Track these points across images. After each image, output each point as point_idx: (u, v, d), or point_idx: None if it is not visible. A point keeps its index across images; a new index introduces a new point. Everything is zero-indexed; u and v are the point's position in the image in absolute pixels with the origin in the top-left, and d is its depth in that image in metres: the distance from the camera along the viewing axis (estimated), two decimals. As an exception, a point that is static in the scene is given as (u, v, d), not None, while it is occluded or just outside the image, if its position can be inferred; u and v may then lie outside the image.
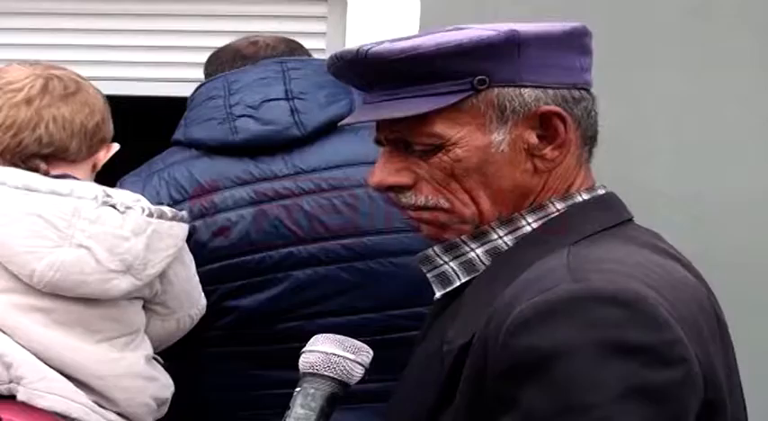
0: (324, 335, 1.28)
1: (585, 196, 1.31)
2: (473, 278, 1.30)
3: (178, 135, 1.99)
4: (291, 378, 1.83)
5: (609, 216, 1.30)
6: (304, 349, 1.27)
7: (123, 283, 1.67)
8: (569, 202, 1.30)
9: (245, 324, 1.89)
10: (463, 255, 1.31)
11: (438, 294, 1.34)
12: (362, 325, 1.86)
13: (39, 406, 1.60)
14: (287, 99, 1.92)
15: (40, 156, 1.73)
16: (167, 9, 2.65)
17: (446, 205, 1.29)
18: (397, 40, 1.28)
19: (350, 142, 1.91)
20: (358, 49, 1.28)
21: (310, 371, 1.25)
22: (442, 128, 1.26)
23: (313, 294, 1.88)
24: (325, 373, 1.24)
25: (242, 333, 1.90)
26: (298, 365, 1.85)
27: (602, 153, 1.38)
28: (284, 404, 1.86)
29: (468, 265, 1.31)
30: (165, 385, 1.78)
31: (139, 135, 2.65)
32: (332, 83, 1.91)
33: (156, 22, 2.66)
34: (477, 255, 1.30)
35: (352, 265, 1.88)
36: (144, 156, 2.04)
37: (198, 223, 1.87)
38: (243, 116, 1.91)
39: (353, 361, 1.25)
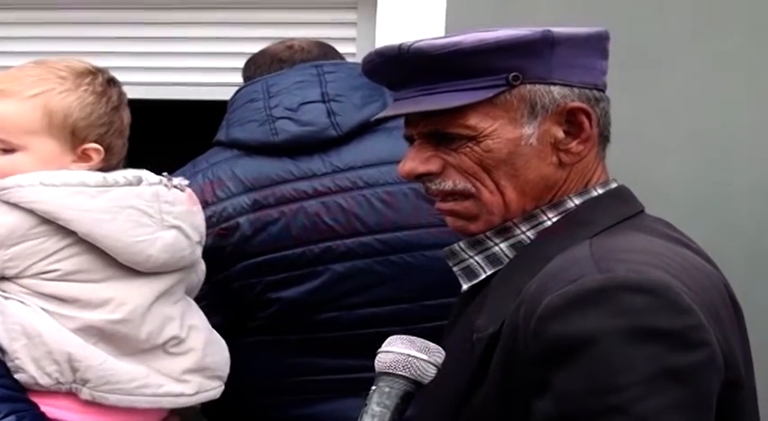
0: (399, 336, 1.30)
1: (600, 190, 1.37)
2: (498, 271, 1.36)
3: (220, 136, 2.04)
4: (328, 365, 1.97)
5: (623, 208, 1.36)
6: (380, 349, 1.28)
7: (199, 251, 1.78)
8: (586, 197, 1.36)
9: (288, 314, 1.95)
10: (488, 249, 1.37)
11: (465, 287, 1.39)
12: (398, 315, 1.93)
13: (105, 404, 1.63)
14: (324, 101, 1.97)
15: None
16: (207, 17, 2.72)
17: (472, 190, 1.34)
18: (437, 37, 1.34)
19: (384, 142, 1.96)
20: (400, 45, 1.34)
21: (386, 370, 1.26)
22: (476, 120, 1.32)
23: (351, 286, 1.93)
24: (401, 373, 1.25)
25: (285, 322, 1.96)
26: (333, 353, 1.95)
27: (619, 147, 1.44)
28: (319, 389, 1.97)
29: (493, 258, 1.37)
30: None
31: (180, 137, 2.73)
32: (366, 85, 1.97)
33: (196, 31, 2.73)
34: (502, 249, 1.36)
35: (387, 258, 1.93)
36: (184, 157, 2.10)
37: (242, 219, 1.92)
38: (282, 118, 1.96)
39: (427, 361, 1.26)
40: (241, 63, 2.23)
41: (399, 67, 1.36)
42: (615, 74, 1.48)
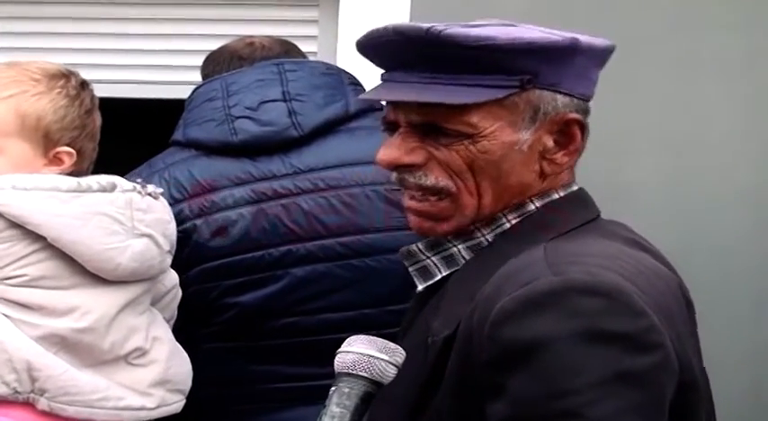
0: (358, 336, 1.28)
1: (561, 193, 1.35)
2: (453, 272, 1.34)
3: (177, 135, 2.01)
4: (286, 372, 1.94)
5: (583, 211, 1.35)
6: (339, 350, 1.27)
7: (168, 260, 1.77)
8: (546, 200, 1.34)
9: (246, 320, 1.92)
10: (446, 250, 1.35)
11: (420, 287, 1.37)
12: (360, 320, 1.90)
13: (63, 415, 1.62)
14: (285, 100, 1.95)
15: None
16: (164, 13, 2.69)
17: (453, 189, 1.31)
18: (466, 26, 1.28)
19: (346, 142, 1.94)
20: (429, 28, 1.26)
21: (345, 371, 1.25)
22: (478, 118, 1.28)
23: (311, 290, 1.91)
24: (360, 373, 1.24)
25: (242, 328, 1.93)
26: (294, 359, 1.93)
27: (590, 150, 1.40)
28: (277, 397, 1.94)
29: (450, 260, 1.35)
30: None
31: (136, 137, 2.69)
32: (327, 84, 1.97)
33: (153, 27, 2.70)
34: (459, 251, 1.34)
35: (349, 262, 1.91)
36: (139, 157, 2.07)
37: (199, 222, 1.90)
38: (241, 117, 1.94)
39: (387, 361, 1.25)
40: (199, 61, 2.21)
41: (416, 49, 1.29)
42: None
